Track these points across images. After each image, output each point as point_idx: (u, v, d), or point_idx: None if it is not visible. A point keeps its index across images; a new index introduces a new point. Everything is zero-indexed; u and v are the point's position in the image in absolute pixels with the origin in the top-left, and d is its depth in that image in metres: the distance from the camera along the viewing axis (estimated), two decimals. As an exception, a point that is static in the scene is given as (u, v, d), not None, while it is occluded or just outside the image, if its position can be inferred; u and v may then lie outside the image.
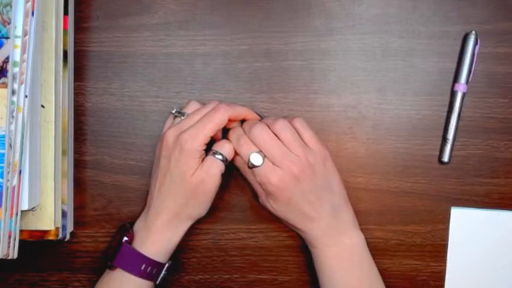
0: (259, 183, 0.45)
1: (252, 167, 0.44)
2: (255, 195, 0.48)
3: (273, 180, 0.43)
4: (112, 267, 0.46)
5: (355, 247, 0.46)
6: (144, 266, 0.45)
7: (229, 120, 0.45)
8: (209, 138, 0.44)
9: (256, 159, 0.43)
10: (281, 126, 0.44)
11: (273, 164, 0.43)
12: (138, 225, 0.47)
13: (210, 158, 0.44)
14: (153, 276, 0.46)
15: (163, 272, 0.47)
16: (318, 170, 0.44)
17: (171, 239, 0.46)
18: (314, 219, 0.45)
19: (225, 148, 0.45)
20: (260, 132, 0.44)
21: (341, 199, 0.46)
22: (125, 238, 0.46)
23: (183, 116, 0.46)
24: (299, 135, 0.45)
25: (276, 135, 0.44)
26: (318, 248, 0.46)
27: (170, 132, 0.45)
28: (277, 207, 0.45)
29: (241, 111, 0.46)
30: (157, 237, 0.46)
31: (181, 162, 0.43)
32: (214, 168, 0.44)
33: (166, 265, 0.47)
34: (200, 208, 0.46)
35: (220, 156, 0.44)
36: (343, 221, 0.46)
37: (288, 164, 0.43)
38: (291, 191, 0.44)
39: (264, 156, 0.43)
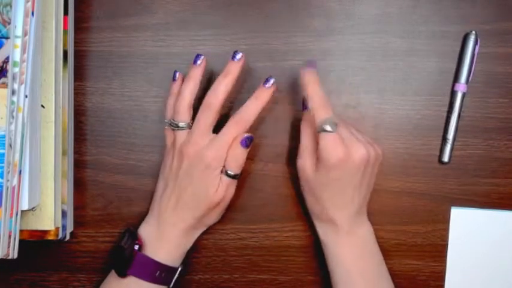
0: (321, 151, 0.43)
1: (322, 130, 0.43)
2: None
3: (339, 154, 0.43)
4: (125, 276, 0.45)
5: (367, 237, 0.47)
6: (158, 272, 0.46)
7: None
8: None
9: (331, 125, 0.43)
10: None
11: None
12: (147, 232, 0.47)
13: (227, 179, 0.45)
14: (166, 280, 0.47)
15: (176, 276, 0.48)
16: (370, 164, 0.44)
17: (185, 246, 0.48)
18: (347, 204, 0.45)
19: (235, 168, 0.45)
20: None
21: (368, 193, 0.47)
22: (136, 246, 0.46)
23: (179, 127, 0.46)
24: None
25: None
26: (336, 237, 0.46)
27: (191, 148, 0.44)
28: (320, 179, 0.44)
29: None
30: (172, 245, 0.46)
31: (205, 178, 0.45)
32: (231, 187, 0.46)
33: (179, 269, 0.48)
34: (216, 218, 0.49)
35: (232, 173, 0.45)
36: (363, 212, 0.47)
37: (356, 146, 0.43)
38: (344, 171, 0.43)
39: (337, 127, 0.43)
